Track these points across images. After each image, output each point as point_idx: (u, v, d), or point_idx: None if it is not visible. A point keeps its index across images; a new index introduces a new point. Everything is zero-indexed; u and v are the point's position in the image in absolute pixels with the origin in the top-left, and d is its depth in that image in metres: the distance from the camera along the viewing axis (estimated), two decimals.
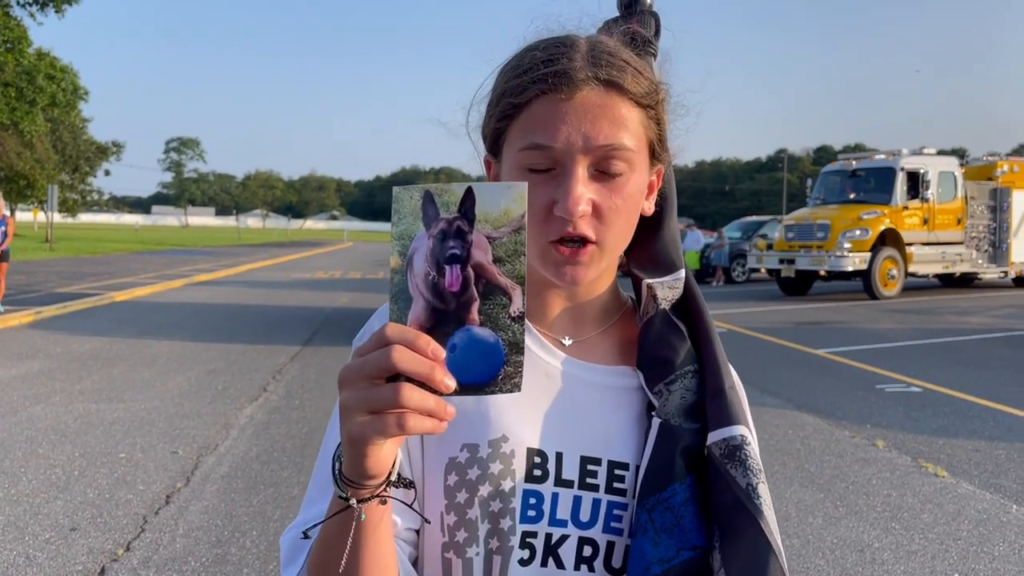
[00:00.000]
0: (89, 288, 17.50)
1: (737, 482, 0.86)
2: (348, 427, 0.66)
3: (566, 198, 0.80)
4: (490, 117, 0.88)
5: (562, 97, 0.81)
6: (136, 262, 28.75)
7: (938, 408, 7.25)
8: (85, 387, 7.82)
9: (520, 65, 0.85)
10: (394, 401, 0.63)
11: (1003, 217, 19.49)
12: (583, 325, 0.95)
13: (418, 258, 0.67)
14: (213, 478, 5.15)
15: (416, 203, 0.67)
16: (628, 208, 0.85)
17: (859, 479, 5.25)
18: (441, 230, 0.67)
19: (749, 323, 13.44)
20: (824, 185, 19.69)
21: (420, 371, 0.64)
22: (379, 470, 0.69)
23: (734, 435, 0.88)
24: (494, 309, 0.67)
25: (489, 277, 0.67)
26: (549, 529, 0.86)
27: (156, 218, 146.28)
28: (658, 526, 0.84)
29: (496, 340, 0.66)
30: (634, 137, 0.83)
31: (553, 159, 0.82)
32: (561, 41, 0.85)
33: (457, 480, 0.86)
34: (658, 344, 0.91)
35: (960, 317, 14.25)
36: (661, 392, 0.89)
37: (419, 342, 0.64)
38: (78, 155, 45.11)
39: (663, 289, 0.93)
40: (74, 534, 4.26)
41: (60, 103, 38.42)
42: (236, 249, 45.82)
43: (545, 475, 0.87)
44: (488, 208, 0.67)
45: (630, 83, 0.83)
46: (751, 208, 78.56)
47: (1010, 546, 4.18)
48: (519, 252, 0.67)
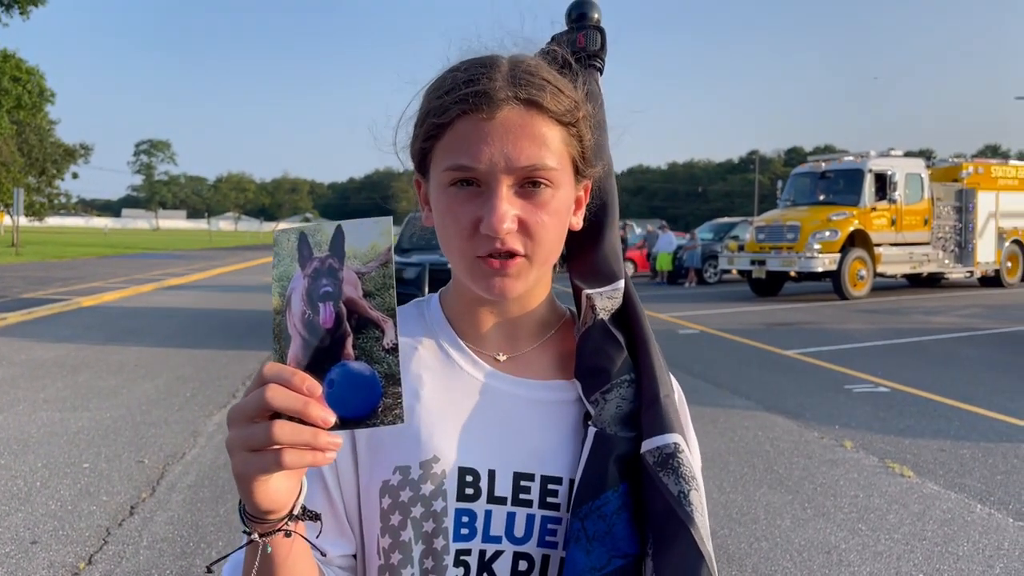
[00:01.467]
0: (56, 293, 17.22)
1: (669, 489, 0.87)
2: (233, 465, 0.68)
3: (491, 216, 0.81)
4: (416, 137, 0.89)
5: (483, 117, 0.82)
6: (105, 266, 28.35)
7: (905, 408, 7.34)
8: (49, 395, 7.69)
9: (443, 86, 0.86)
10: (268, 438, 0.65)
11: (968, 218, 19.80)
12: (518, 340, 0.96)
13: (295, 298, 0.69)
14: (179, 487, 5.07)
15: (293, 245, 0.70)
16: (554, 223, 0.86)
17: (827, 480, 5.29)
18: (314, 269, 0.69)
19: (720, 324, 13.53)
20: (794, 187, 19.88)
21: (294, 407, 0.65)
22: (274, 505, 0.70)
23: (667, 443, 0.89)
24: (368, 343, 0.68)
25: (361, 311, 0.69)
26: (483, 546, 0.87)
27: (126, 221, 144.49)
28: (590, 534, 0.85)
29: (372, 373, 0.68)
30: (555, 155, 0.84)
31: (477, 179, 0.83)
32: (483, 61, 0.86)
33: (391, 503, 0.87)
34: (595, 354, 0.92)
35: (927, 317, 14.45)
36: (597, 401, 0.90)
37: (294, 380, 0.66)
38: (45, 158, 44.43)
39: (602, 299, 0.94)
40: (35, 547, 4.17)
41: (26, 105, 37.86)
42: (208, 252, 45.38)
43: (478, 493, 0.88)
44: (356, 245, 0.69)
45: (550, 101, 0.84)
46: (723, 209, 79.21)
47: (974, 545, 4.23)
48: (388, 285, 0.69)
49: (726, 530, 4.40)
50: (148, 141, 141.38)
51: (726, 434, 6.41)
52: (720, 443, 6.15)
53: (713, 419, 6.87)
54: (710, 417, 6.93)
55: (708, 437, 6.30)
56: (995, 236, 20.25)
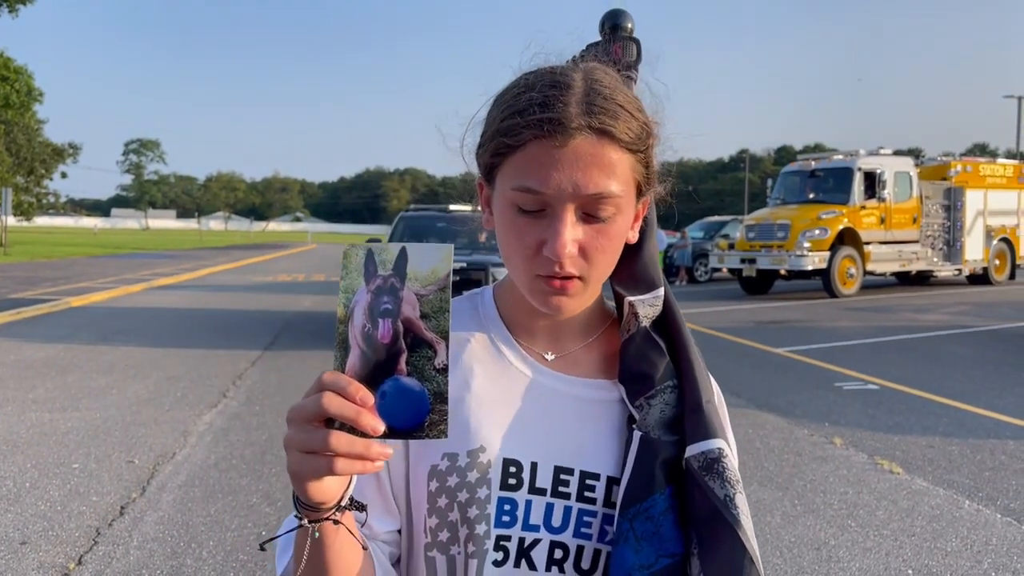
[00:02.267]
0: (45, 293, 17.14)
1: (715, 493, 0.90)
2: (288, 463, 0.73)
3: (554, 241, 0.85)
4: (485, 150, 0.91)
5: (556, 144, 0.84)
6: (94, 266, 28.22)
7: (894, 405, 7.38)
8: (38, 396, 7.65)
9: (516, 105, 0.87)
10: (324, 445, 0.70)
11: (957, 216, 19.90)
12: (566, 340, 0.99)
13: (358, 311, 0.73)
14: (170, 487, 5.06)
15: (361, 260, 0.74)
16: (613, 247, 0.90)
17: (817, 477, 5.32)
18: (377, 286, 0.74)
19: (711, 322, 13.57)
20: (784, 185, 19.95)
21: (347, 415, 0.70)
22: (324, 498, 0.75)
23: (712, 448, 0.92)
24: (420, 361, 0.73)
25: (416, 331, 0.73)
26: (522, 533, 0.92)
27: (116, 221, 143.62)
28: (639, 534, 0.89)
29: (422, 390, 0.72)
30: (622, 182, 0.87)
31: (543, 202, 0.86)
32: (558, 82, 0.86)
33: (438, 486, 0.92)
34: (638, 360, 0.96)
35: (916, 315, 14.53)
36: (642, 406, 0.94)
37: (349, 389, 0.70)
38: (33, 157, 44.12)
39: (644, 307, 0.98)
40: (24, 548, 4.16)
41: (14, 104, 37.65)
42: (198, 252, 45.21)
43: (519, 483, 0.92)
44: (418, 267, 0.74)
45: (622, 131, 0.86)
46: (714, 208, 79.34)
47: (962, 541, 4.26)
48: (444, 309, 0.73)
49: None
50: (137, 140, 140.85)
51: None
52: None
53: None
54: None
55: None
56: (983, 234, 20.37)
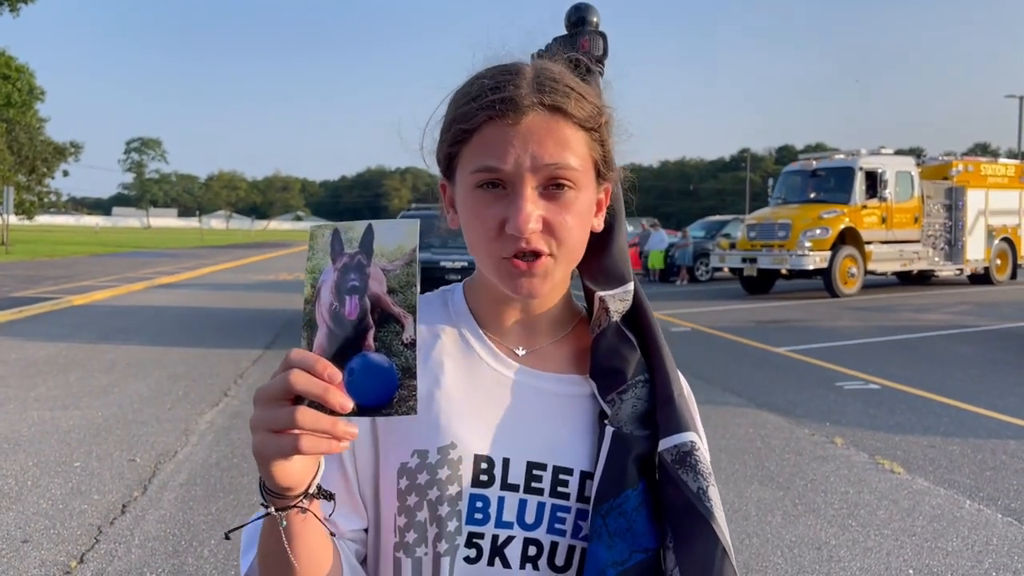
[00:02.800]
0: (46, 292, 17.15)
1: (688, 486, 0.90)
2: (254, 443, 0.72)
3: (516, 216, 0.85)
4: (443, 142, 0.93)
5: (509, 122, 0.86)
6: (95, 265, 28.23)
7: (895, 405, 7.38)
8: (40, 394, 7.66)
9: (469, 92, 0.89)
10: (290, 421, 0.69)
11: (958, 216, 19.89)
12: (537, 335, 0.99)
13: (324, 290, 0.73)
14: (171, 486, 5.07)
15: (327, 240, 0.74)
16: (578, 224, 0.89)
17: (817, 477, 5.32)
18: (344, 264, 0.74)
19: (712, 322, 13.57)
20: (785, 185, 19.94)
21: (315, 392, 0.69)
22: (291, 483, 0.74)
23: (684, 441, 0.93)
24: (388, 336, 0.73)
25: (384, 306, 0.73)
26: (496, 531, 0.91)
27: (117, 220, 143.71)
28: (612, 530, 0.88)
29: (390, 365, 0.72)
30: (579, 157, 0.88)
31: (503, 180, 0.86)
32: (508, 69, 0.89)
33: (408, 484, 0.91)
34: (610, 355, 0.96)
35: (917, 314, 14.52)
36: (614, 401, 0.93)
37: (317, 366, 0.70)
38: (35, 156, 44.11)
39: (614, 301, 0.98)
40: (26, 546, 4.16)
41: (16, 103, 37.67)
42: (199, 251, 45.23)
43: (491, 480, 0.91)
44: (385, 243, 0.74)
45: (573, 107, 0.88)
46: (715, 207, 79.30)
47: (963, 541, 4.26)
48: (411, 283, 0.73)
49: None
50: (139, 139, 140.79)
51: (717, 431, 6.43)
52: (711, 440, 6.16)
53: (704, 416, 6.78)
54: (701, 414, 6.90)
55: None
56: (984, 234, 20.36)
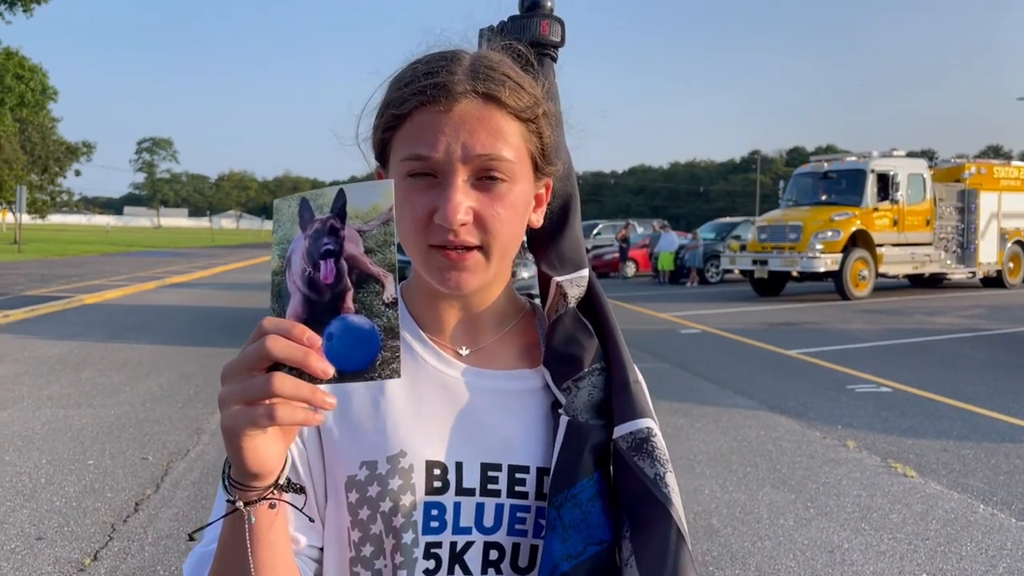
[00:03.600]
0: (59, 291, 17.25)
1: (645, 472, 0.88)
2: (223, 420, 0.67)
3: (445, 206, 0.81)
4: (376, 128, 0.90)
5: (440, 109, 0.83)
6: (107, 264, 28.38)
7: (907, 408, 7.34)
8: (53, 392, 7.71)
9: (403, 78, 0.87)
10: (266, 389, 0.65)
11: (971, 218, 19.78)
12: (480, 333, 0.96)
13: (295, 257, 0.71)
14: (184, 484, 5.09)
15: (294, 210, 0.72)
16: (511, 217, 0.85)
17: (830, 480, 5.30)
18: (316, 230, 0.71)
19: (722, 324, 13.53)
20: (796, 187, 19.87)
21: (294, 356, 0.65)
22: (261, 468, 0.69)
23: (640, 428, 0.90)
24: (368, 297, 0.70)
25: (362, 267, 0.70)
26: (453, 538, 0.88)
27: (128, 219, 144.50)
28: (566, 522, 0.86)
29: (372, 326, 0.69)
30: (513, 149, 0.85)
31: (434, 169, 0.83)
32: (444, 55, 0.87)
33: (358, 497, 0.87)
34: (567, 342, 0.93)
35: (929, 317, 14.44)
36: (569, 389, 0.91)
37: (294, 331, 0.66)
38: (47, 155, 44.39)
39: (571, 287, 0.95)
40: (40, 543, 4.19)
41: (29, 103, 37.88)
42: (209, 250, 45.40)
43: (446, 486, 0.88)
44: (358, 205, 0.71)
45: (508, 96, 0.84)
46: (725, 209, 79.16)
47: (977, 545, 4.24)
48: (389, 242, 0.71)
49: (729, 529, 4.41)
50: (150, 139, 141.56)
51: (728, 433, 6.41)
52: (723, 442, 6.16)
53: (716, 418, 6.88)
54: (712, 416, 6.94)
55: (711, 436, 6.31)
56: (997, 237, 20.24)
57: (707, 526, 4.41)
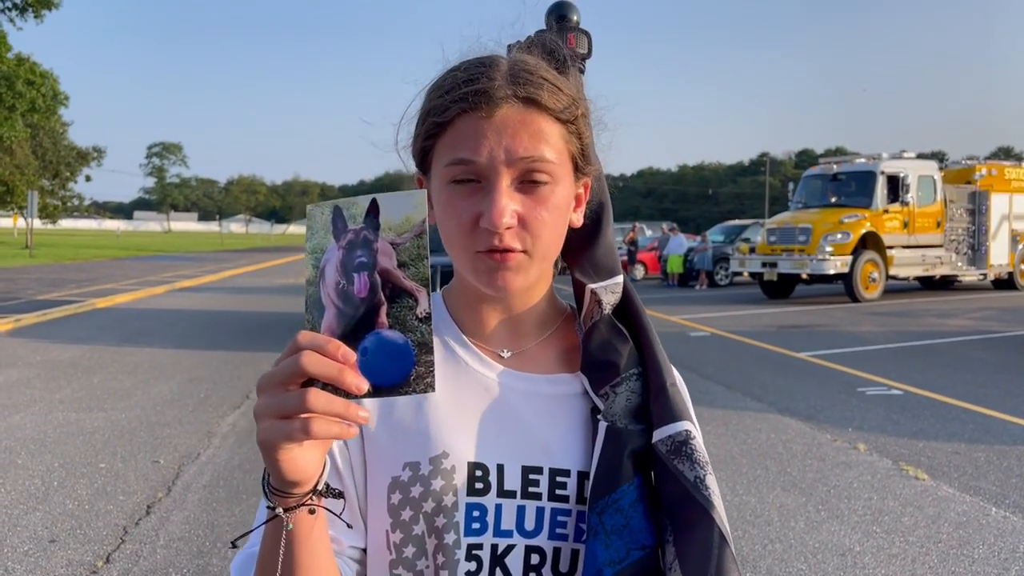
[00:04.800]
0: (70, 295, 17.35)
1: (685, 476, 0.88)
2: (259, 432, 0.69)
3: (491, 210, 0.82)
4: (417, 136, 0.91)
5: (483, 115, 0.84)
6: (117, 268, 28.52)
7: (919, 411, 7.31)
8: (65, 396, 7.75)
9: (443, 85, 0.87)
10: (300, 405, 0.66)
11: (982, 220, 19.69)
12: (521, 337, 0.97)
13: (329, 269, 0.71)
14: (195, 487, 5.11)
15: (327, 218, 0.71)
16: (554, 219, 0.86)
17: (841, 483, 5.28)
18: (349, 241, 0.71)
19: (732, 327, 13.50)
20: (805, 189, 19.82)
21: (329, 373, 0.66)
22: (299, 477, 0.70)
23: (679, 431, 0.90)
24: (402, 311, 0.70)
25: (395, 281, 0.70)
26: (495, 540, 0.88)
27: (138, 224, 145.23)
28: (608, 528, 0.86)
29: (405, 341, 0.69)
30: (555, 150, 0.86)
31: (477, 173, 0.84)
32: (482, 61, 0.88)
33: (401, 498, 0.88)
34: (603, 348, 0.94)
35: (940, 319, 14.38)
36: (607, 395, 0.92)
37: (329, 347, 0.67)
38: (58, 160, 44.72)
39: (606, 294, 0.96)
40: (53, 546, 4.21)
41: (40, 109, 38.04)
42: (219, 255, 45.56)
43: (487, 487, 0.88)
44: (391, 217, 0.71)
45: (548, 99, 0.85)
46: (734, 212, 78.92)
47: (989, 548, 4.22)
48: (422, 256, 0.71)
49: (739, 532, 4.40)
50: (160, 144, 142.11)
51: (738, 436, 6.40)
52: (733, 445, 6.15)
53: (725, 421, 6.87)
54: (722, 419, 6.93)
55: (721, 439, 6.30)
56: (1008, 238, 20.14)
57: None
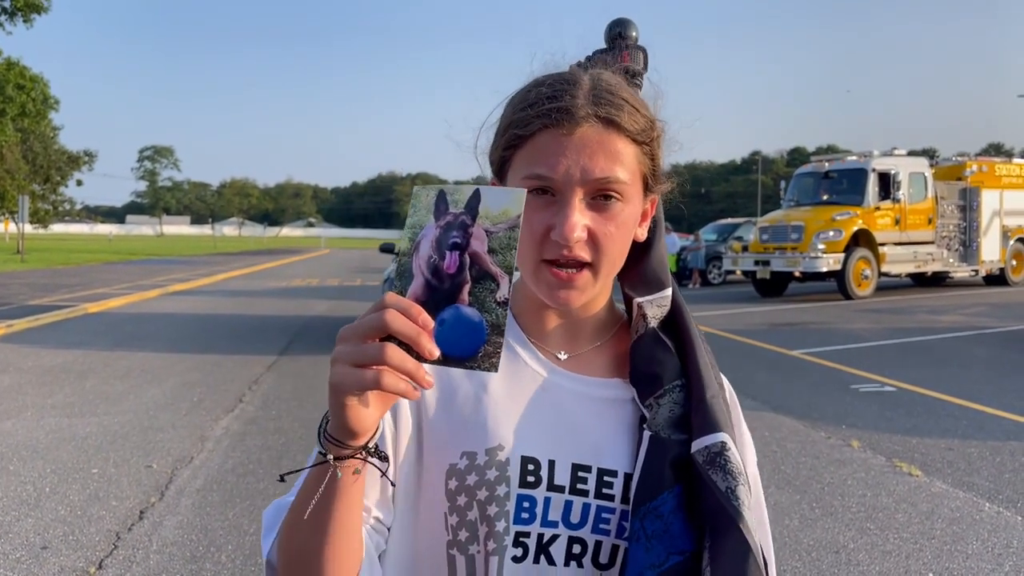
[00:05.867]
0: (61, 300, 17.27)
1: (718, 486, 0.92)
2: (332, 376, 0.72)
3: (563, 224, 0.87)
4: (497, 145, 0.95)
5: (563, 132, 0.88)
6: (110, 272, 28.42)
7: (912, 407, 7.33)
8: (57, 401, 7.72)
9: (527, 99, 0.92)
10: (378, 357, 0.70)
11: (973, 216, 19.76)
12: (579, 340, 1.01)
13: (424, 244, 0.76)
14: (188, 492, 5.09)
15: (431, 199, 0.77)
16: (621, 235, 0.91)
17: (835, 480, 5.29)
18: (448, 222, 0.76)
19: (726, 325, 13.52)
20: (797, 187, 19.86)
21: (408, 333, 0.70)
22: (359, 427, 0.74)
23: (715, 442, 0.94)
24: (483, 293, 0.74)
25: (482, 264, 0.75)
26: (541, 529, 0.93)
27: (130, 228, 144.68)
28: (649, 533, 0.90)
29: (480, 320, 0.73)
30: (628, 171, 0.90)
31: (552, 188, 0.89)
32: (566, 78, 0.92)
33: (457, 484, 0.92)
34: (647, 361, 0.98)
35: (932, 316, 14.42)
36: (652, 406, 0.96)
37: (412, 310, 0.71)
38: (49, 165, 44.45)
39: (652, 307, 1.00)
40: (45, 552, 4.19)
41: (30, 113, 37.98)
42: (212, 258, 45.44)
43: (538, 481, 0.93)
44: (491, 207, 0.76)
45: (627, 121, 0.90)
46: (726, 210, 79.11)
47: (983, 544, 4.23)
48: (511, 246, 0.75)
49: None
50: (152, 147, 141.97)
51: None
52: None
53: None
54: None
55: None
56: (999, 234, 20.22)
57: None
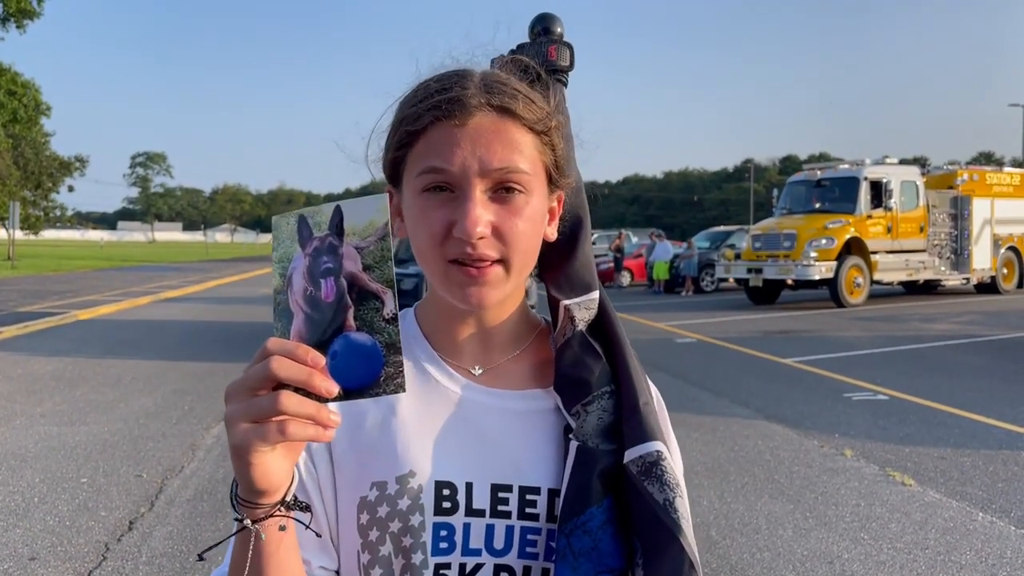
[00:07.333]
0: (52, 307, 17.18)
1: (655, 498, 0.86)
2: (231, 438, 0.68)
3: (464, 219, 0.81)
4: (388, 147, 0.90)
5: (456, 123, 0.83)
6: (101, 279, 28.29)
7: (905, 416, 7.33)
8: (46, 409, 7.66)
9: (416, 95, 0.87)
10: (273, 408, 0.66)
11: (964, 225, 19.86)
12: (493, 352, 0.95)
13: (296, 276, 0.72)
14: (178, 502, 5.05)
15: (292, 227, 0.73)
16: (528, 230, 0.85)
17: (828, 489, 5.28)
18: (315, 248, 0.72)
19: (718, 333, 13.53)
20: (790, 195, 19.93)
21: (298, 377, 0.66)
22: (269, 485, 0.70)
23: (650, 451, 0.88)
24: (369, 314, 0.71)
25: (361, 284, 0.71)
26: (463, 559, 0.87)
27: (122, 234, 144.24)
28: (576, 550, 0.85)
29: (373, 343, 0.70)
30: (528, 161, 0.85)
31: (450, 182, 0.83)
32: (455, 72, 0.88)
33: (369, 518, 0.87)
34: (575, 366, 0.92)
35: (925, 324, 14.46)
36: (579, 413, 0.90)
37: (298, 351, 0.67)
38: (40, 171, 44.34)
39: (580, 310, 0.94)
40: (33, 563, 4.15)
41: (22, 119, 37.87)
42: (204, 265, 45.31)
43: (455, 506, 0.87)
44: (355, 222, 0.72)
45: (522, 109, 0.85)
46: (719, 218, 79.35)
47: (976, 554, 4.22)
48: (386, 258, 0.71)
49: (728, 540, 4.38)
50: (144, 153, 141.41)
51: (726, 443, 6.39)
52: (720, 452, 6.14)
53: (712, 428, 6.86)
54: (710, 426, 6.92)
55: (708, 446, 6.29)
56: (991, 243, 20.31)
57: (705, 538, 4.38)
